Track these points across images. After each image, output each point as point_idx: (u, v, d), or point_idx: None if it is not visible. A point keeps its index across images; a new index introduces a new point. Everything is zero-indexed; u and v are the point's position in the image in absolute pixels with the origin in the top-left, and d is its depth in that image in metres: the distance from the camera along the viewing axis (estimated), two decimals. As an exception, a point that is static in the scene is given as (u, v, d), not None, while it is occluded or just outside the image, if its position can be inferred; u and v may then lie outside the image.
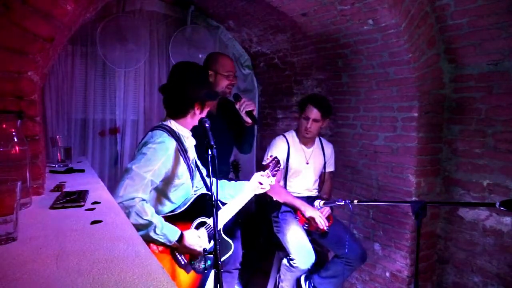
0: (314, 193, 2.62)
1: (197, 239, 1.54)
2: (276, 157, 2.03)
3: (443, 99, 2.51)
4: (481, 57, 2.24)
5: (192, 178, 1.71)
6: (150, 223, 1.41)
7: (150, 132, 1.62)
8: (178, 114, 1.66)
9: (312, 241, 2.40)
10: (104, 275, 0.70)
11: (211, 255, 1.49)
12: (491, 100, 2.26)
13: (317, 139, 2.66)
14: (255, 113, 2.15)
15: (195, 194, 1.67)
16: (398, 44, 2.30)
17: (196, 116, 1.65)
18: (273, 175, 1.96)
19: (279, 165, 2.02)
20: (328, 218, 2.41)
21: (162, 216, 1.52)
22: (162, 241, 1.44)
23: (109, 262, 0.76)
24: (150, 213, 1.42)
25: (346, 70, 2.80)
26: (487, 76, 2.26)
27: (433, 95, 2.48)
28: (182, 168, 1.63)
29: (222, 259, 1.69)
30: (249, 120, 2.11)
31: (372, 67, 2.58)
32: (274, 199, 2.50)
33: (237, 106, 2.12)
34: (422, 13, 2.23)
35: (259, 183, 1.89)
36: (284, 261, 2.37)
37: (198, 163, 1.83)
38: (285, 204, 2.48)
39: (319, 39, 2.74)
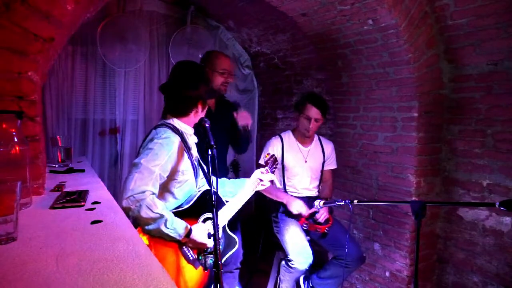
0: (314, 192, 2.62)
1: (205, 233, 1.56)
2: (273, 155, 2.04)
3: (442, 99, 2.52)
4: (481, 57, 2.24)
5: (196, 175, 1.73)
6: (161, 216, 1.41)
7: (154, 130, 1.64)
8: (181, 112, 1.68)
9: (311, 241, 2.40)
10: (104, 275, 0.70)
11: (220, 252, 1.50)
12: (490, 100, 2.26)
13: (315, 138, 2.66)
14: (249, 127, 2.29)
15: (199, 191, 1.68)
16: (398, 44, 2.30)
17: (198, 114, 1.69)
18: (272, 172, 1.98)
19: (277, 162, 2.04)
20: (327, 219, 2.41)
21: None
22: (172, 235, 1.45)
23: (109, 262, 0.76)
24: (160, 207, 1.43)
25: (346, 70, 2.80)
26: (487, 76, 2.26)
27: (432, 95, 2.48)
28: (186, 164, 1.65)
29: (228, 254, 1.71)
30: (242, 129, 2.26)
31: (372, 67, 2.59)
32: (269, 198, 2.50)
33: (235, 115, 2.24)
34: (421, 13, 2.24)
35: (259, 179, 1.90)
36: (283, 262, 2.38)
37: (201, 161, 1.85)
38: (273, 200, 2.49)
39: (319, 39, 2.74)
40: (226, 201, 1.78)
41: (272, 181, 1.99)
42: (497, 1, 1.97)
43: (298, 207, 2.35)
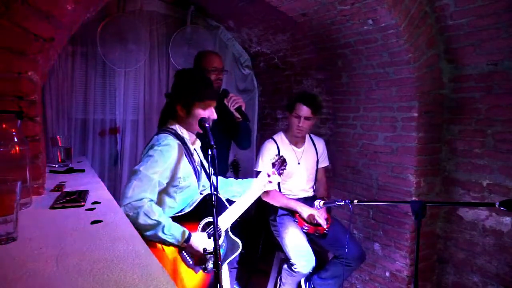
0: (310, 193, 2.61)
1: (204, 240, 1.55)
2: (282, 156, 2.02)
3: (442, 99, 2.52)
4: (481, 57, 2.24)
5: (198, 180, 1.72)
6: (158, 223, 1.41)
7: (155, 136, 1.64)
8: (171, 117, 1.70)
9: (311, 241, 2.39)
10: (104, 275, 0.70)
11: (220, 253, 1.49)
12: (490, 100, 2.26)
13: (307, 137, 2.65)
14: (244, 109, 2.20)
15: (201, 195, 1.68)
16: (398, 44, 2.30)
17: (184, 119, 1.66)
18: (280, 174, 1.97)
19: (285, 163, 2.02)
20: (326, 219, 2.40)
21: (170, 217, 1.52)
22: (171, 241, 1.45)
23: (109, 262, 0.76)
24: (158, 213, 1.43)
25: (346, 70, 2.80)
26: (487, 76, 2.26)
27: (432, 95, 2.48)
28: (188, 170, 1.64)
29: (230, 258, 1.70)
30: (239, 116, 2.16)
31: (372, 67, 2.59)
32: (271, 203, 2.49)
33: (225, 102, 2.18)
34: (421, 13, 2.24)
35: (267, 175, 1.91)
36: (285, 265, 2.37)
37: (205, 163, 1.83)
38: (281, 208, 2.47)
39: (319, 39, 2.74)
40: (231, 203, 1.77)
41: (278, 184, 1.95)
42: (497, 1, 1.97)
43: (310, 211, 2.33)
